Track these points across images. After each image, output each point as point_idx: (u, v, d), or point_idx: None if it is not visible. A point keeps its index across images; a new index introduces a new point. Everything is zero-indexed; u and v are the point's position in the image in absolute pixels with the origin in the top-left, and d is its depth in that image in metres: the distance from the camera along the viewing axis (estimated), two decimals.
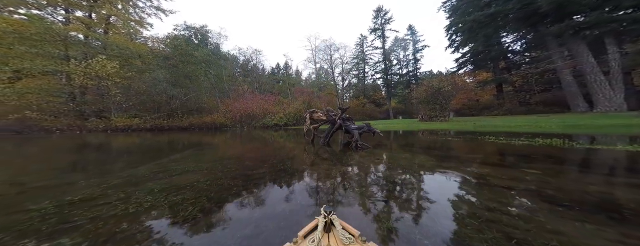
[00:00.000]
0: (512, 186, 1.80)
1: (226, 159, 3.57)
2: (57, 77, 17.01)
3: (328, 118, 5.65)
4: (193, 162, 3.26)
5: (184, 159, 3.60)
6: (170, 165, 3.05)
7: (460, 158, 3.14)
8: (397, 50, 31.81)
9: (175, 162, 3.31)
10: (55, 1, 18.85)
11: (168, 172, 2.65)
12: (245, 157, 3.88)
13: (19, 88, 15.10)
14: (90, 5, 19.74)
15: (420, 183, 2.10)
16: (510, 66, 24.16)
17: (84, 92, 17.27)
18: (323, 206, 1.01)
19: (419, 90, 16.33)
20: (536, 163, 2.66)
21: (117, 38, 20.26)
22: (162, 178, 2.36)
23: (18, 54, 15.97)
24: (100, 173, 2.74)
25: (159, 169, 2.81)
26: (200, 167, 2.88)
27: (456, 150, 3.95)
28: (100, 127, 15.19)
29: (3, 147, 6.67)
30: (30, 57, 16.10)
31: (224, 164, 3.06)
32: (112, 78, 17.00)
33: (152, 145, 6.80)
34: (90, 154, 5.01)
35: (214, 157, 3.98)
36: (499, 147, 3.93)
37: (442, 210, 1.42)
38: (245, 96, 22.14)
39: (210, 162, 3.29)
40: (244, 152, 4.75)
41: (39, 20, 17.46)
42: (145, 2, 20.99)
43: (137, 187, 2.05)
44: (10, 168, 3.47)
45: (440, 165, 2.75)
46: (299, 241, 0.81)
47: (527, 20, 17.98)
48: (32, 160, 4.24)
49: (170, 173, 2.55)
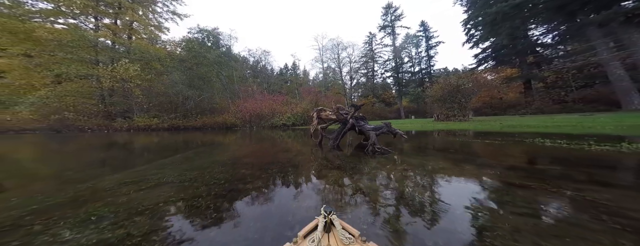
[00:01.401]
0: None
1: (220, 165, 3.13)
2: (90, 81, 18.90)
3: (338, 118, 5.05)
4: (180, 169, 2.88)
5: (173, 164, 3.30)
6: (149, 173, 2.65)
7: (534, 172, 2.24)
8: (409, 48, 30.47)
9: (160, 168, 2.95)
10: (87, 10, 20.73)
11: (140, 183, 2.23)
12: (242, 163, 3.33)
13: (59, 91, 17.11)
14: (116, 12, 21.48)
15: (500, 220, 1.24)
16: (540, 61, 22.00)
17: (111, 94, 19.08)
18: (323, 206, 0.99)
19: (434, 88, 15.55)
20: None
21: (139, 42, 21.91)
22: (120, 194, 1.86)
23: (58, 59, 18.01)
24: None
25: (132, 178, 2.42)
26: (184, 176, 2.44)
27: (511, 158, 3.05)
28: (124, 126, 16.76)
29: (51, 145, 7.46)
30: (68, 63, 18.04)
31: (215, 172, 2.61)
32: (134, 81, 18.56)
33: (160, 144, 7.13)
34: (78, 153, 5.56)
35: (207, 161, 3.54)
36: (564, 154, 3.01)
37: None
38: (255, 96, 22.89)
39: (200, 168, 2.86)
40: (244, 155, 4.29)
41: (74, 28, 19.41)
42: (162, 7, 22.36)
43: (77, 210, 1.53)
44: (66, 162, 4.10)
45: (508, 183, 1.86)
46: (299, 241, 0.81)
47: (562, 10, 16.10)
48: (73, 156, 4.88)
49: (140, 186, 2.10)
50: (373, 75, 30.06)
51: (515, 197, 1.57)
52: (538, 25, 20.74)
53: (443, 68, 32.22)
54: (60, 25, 19.82)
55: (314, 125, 5.52)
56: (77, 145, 7.40)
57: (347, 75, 28.69)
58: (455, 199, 1.57)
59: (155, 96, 19.26)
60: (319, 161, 3.35)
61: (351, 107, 4.80)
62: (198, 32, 21.27)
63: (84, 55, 18.87)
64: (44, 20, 19.48)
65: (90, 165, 3.73)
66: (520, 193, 1.65)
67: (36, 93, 16.27)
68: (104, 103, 18.23)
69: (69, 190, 2.11)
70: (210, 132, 14.74)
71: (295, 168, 2.83)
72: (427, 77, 30.58)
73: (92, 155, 4.98)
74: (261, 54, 28.85)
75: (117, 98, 18.81)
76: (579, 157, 2.83)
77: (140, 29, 22.32)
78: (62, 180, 2.61)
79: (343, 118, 4.95)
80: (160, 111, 18.97)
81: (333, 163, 3.16)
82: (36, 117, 15.59)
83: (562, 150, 3.31)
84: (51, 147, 6.92)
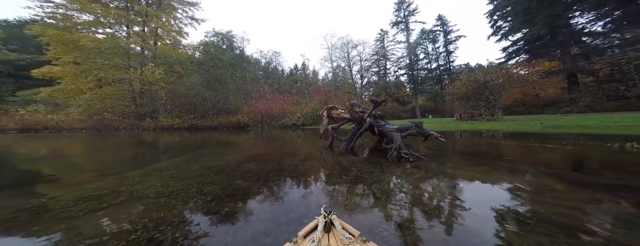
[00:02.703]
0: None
1: (216, 171, 2.70)
2: (123, 84, 21.35)
3: (352, 116, 4.44)
4: (168, 176, 2.50)
5: (167, 169, 2.91)
6: (127, 182, 2.27)
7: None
8: (425, 43, 28.57)
9: (145, 176, 2.56)
10: (120, 19, 23.14)
11: (105, 197, 1.82)
12: (242, 170, 2.80)
13: (100, 94, 19.69)
14: (144, 20, 23.62)
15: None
16: (588, 52, 19.15)
17: (141, 96, 21.40)
18: (323, 206, 0.99)
19: (455, 85, 14.54)
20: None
21: (163, 47, 23.96)
22: (67, 216, 1.48)
23: (98, 65, 20.58)
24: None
25: (101, 191, 2.01)
26: (166, 188, 2.03)
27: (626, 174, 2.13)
28: (151, 126, 18.83)
29: (96, 142, 8.17)
30: (106, 68, 20.53)
31: (205, 183, 2.19)
32: (158, 83, 20.57)
33: (175, 143, 7.41)
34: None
35: (203, 165, 3.13)
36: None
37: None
38: (266, 97, 23.80)
39: (190, 177, 2.42)
40: (247, 158, 3.78)
41: (111, 36, 21.90)
42: (182, 13, 23.97)
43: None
44: (113, 156, 4.46)
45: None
46: (299, 241, 0.81)
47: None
48: (113, 151, 5.49)
49: (101, 201, 1.72)
50: (385, 73, 29.01)
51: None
52: (584, 12, 18.03)
53: (464, 64, 29.81)
54: (99, 34, 22.55)
55: (323, 125, 4.95)
56: (113, 142, 8.20)
57: (358, 73, 28.19)
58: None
59: (177, 98, 21.13)
60: (331, 169, 2.79)
61: (371, 102, 4.01)
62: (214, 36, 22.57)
63: (119, 61, 21.28)
64: (87, 31, 22.25)
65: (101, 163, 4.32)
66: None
67: (83, 96, 18.96)
68: (135, 105, 20.55)
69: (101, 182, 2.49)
70: (224, 131, 15.49)
71: (301, 179, 2.31)
72: (445, 74, 28.63)
73: (113, 155, 5.09)
74: (272, 55, 29.71)
75: (146, 100, 21.03)
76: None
77: (164, 35, 24.34)
78: (103, 174, 3.04)
79: (358, 117, 4.31)
80: (182, 112, 20.81)
81: (348, 172, 2.55)
82: (82, 117, 18.27)
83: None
84: (97, 145, 7.68)
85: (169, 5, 23.99)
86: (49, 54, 20.40)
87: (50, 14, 20.68)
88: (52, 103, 19.97)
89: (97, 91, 19.91)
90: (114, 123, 18.32)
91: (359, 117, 4.35)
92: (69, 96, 19.55)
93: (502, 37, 23.57)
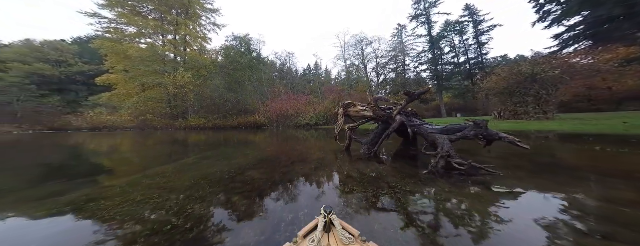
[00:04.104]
0: None
1: (212, 182, 2.36)
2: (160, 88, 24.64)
3: (376, 114, 3.69)
4: (156, 187, 2.22)
5: (163, 175, 2.72)
6: (96, 208, 1.75)
7: None
8: (450, 36, 25.39)
9: (133, 185, 2.33)
10: (157, 30, 26.28)
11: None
12: (242, 180, 2.42)
13: (144, 97, 23.18)
14: (175, 29, 26.35)
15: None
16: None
17: (174, 99, 24.49)
18: (323, 206, 0.98)
19: (492, 79, 13.02)
20: None
21: (191, 53, 26.54)
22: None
23: (142, 72, 24.07)
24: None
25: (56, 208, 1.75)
26: (143, 206, 1.71)
27: None
28: (182, 126, 21.64)
29: (139, 139, 9.63)
30: (147, 74, 23.91)
31: (192, 199, 1.85)
32: (188, 87, 23.19)
33: (198, 142, 7.97)
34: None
35: (202, 172, 2.82)
36: None
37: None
38: (281, 97, 24.80)
39: (179, 190, 2.12)
40: (252, 164, 3.32)
41: (151, 46, 25.17)
42: (206, 20, 25.93)
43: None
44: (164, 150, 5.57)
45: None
46: (299, 241, 0.80)
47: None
48: (161, 147, 6.34)
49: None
50: (404, 70, 27.04)
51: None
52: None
53: (501, 56, 25.80)
54: (142, 44, 26.08)
55: (339, 125, 4.39)
56: (154, 140, 9.45)
57: (373, 71, 26.91)
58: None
59: (203, 100, 23.61)
60: (351, 184, 2.13)
61: (405, 94, 3.25)
62: (233, 40, 24.10)
63: (157, 67, 24.46)
64: (132, 41, 25.91)
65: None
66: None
67: (131, 100, 22.64)
68: (170, 106, 23.69)
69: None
70: (243, 131, 16.60)
71: (312, 198, 1.82)
72: (477, 68, 25.38)
73: (142, 152, 5.89)
74: (286, 56, 30.24)
75: (178, 102, 24.02)
76: None
77: (191, 42, 26.85)
78: (144, 167, 3.76)
79: (384, 115, 3.59)
80: (207, 113, 23.25)
81: (376, 189, 1.91)
82: (131, 118, 21.96)
83: None
84: (139, 142, 9.02)
85: (194, 14, 26.17)
86: (107, 64, 24.59)
87: (106, 29, 24.63)
88: (110, 106, 24.35)
89: (141, 95, 23.48)
90: (154, 123, 21.59)
91: (385, 115, 3.58)
92: (122, 100, 23.52)
93: (552, 23, 19.63)
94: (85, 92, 30.53)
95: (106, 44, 23.81)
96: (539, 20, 19.70)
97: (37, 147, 7.81)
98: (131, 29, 25.16)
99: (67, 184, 2.66)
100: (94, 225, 1.50)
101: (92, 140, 10.39)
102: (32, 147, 8.00)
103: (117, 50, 24.00)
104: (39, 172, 3.59)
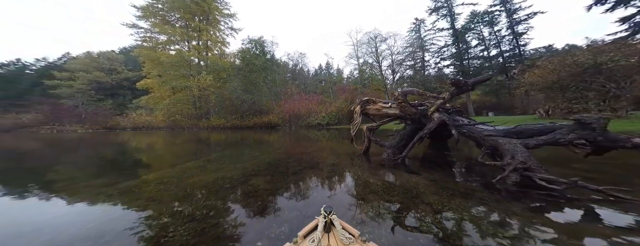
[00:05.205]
0: None
1: (211, 191, 2.19)
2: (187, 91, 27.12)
3: (405, 112, 3.08)
4: (144, 199, 2.01)
5: (162, 182, 2.56)
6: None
7: None
8: (478, 28, 22.30)
9: (124, 195, 2.19)
10: (183, 37, 28.68)
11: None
12: (244, 190, 2.20)
13: (174, 99, 25.86)
14: (198, 35, 28.43)
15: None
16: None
17: (199, 100, 26.77)
18: (323, 206, 0.98)
19: (537, 72, 11.60)
20: None
21: (212, 57, 28.47)
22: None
23: (172, 76, 26.75)
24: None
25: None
26: (123, 219, 1.58)
27: None
28: (205, 125, 23.69)
29: (169, 138, 10.54)
30: (177, 78, 26.49)
31: (181, 218, 1.57)
32: (209, 89, 25.10)
33: (218, 141, 8.56)
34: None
35: (202, 179, 2.61)
36: None
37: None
38: (294, 97, 25.28)
39: (170, 199, 1.97)
40: (258, 169, 3.02)
41: (179, 52, 27.66)
42: (224, 25, 27.36)
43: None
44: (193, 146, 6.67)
45: None
46: (299, 241, 0.80)
47: None
48: (188, 144, 7.16)
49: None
50: (423, 66, 24.86)
51: None
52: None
53: (544, 47, 21.94)
54: (171, 51, 28.82)
55: (355, 124, 3.90)
56: (182, 138, 10.63)
57: (388, 68, 25.33)
58: None
59: (223, 101, 25.35)
60: (376, 203, 1.62)
61: (452, 84, 2.59)
62: (249, 43, 25.05)
63: (184, 71, 26.91)
64: (163, 48, 28.76)
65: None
66: None
67: (164, 102, 25.48)
68: (195, 108, 26.02)
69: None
70: (258, 130, 17.43)
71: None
72: (513, 61, 22.18)
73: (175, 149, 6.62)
74: (298, 56, 30.25)
75: (201, 103, 26.22)
76: None
77: (212, 46, 28.71)
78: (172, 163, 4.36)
79: (414, 112, 3.00)
80: (226, 113, 24.98)
81: (416, 215, 1.42)
82: (163, 118, 24.78)
83: None
84: (172, 140, 10.26)
85: (214, 19, 27.80)
86: (144, 70, 27.92)
87: (143, 38, 27.77)
88: (148, 108, 27.74)
89: (172, 97, 26.25)
90: (182, 123, 24.06)
91: (417, 113, 3.00)
92: (156, 102, 26.61)
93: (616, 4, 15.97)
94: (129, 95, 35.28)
95: (143, 52, 26.96)
96: (596, 3, 16.16)
97: (95, 144, 9.48)
98: (162, 37, 27.90)
99: (117, 176, 3.20)
100: (132, 207, 1.91)
101: (133, 138, 12.13)
102: (92, 143, 9.75)
103: (152, 57, 27.00)
104: (98, 165, 4.44)
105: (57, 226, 1.58)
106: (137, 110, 28.94)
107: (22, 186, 2.83)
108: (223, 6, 28.14)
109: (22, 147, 8.61)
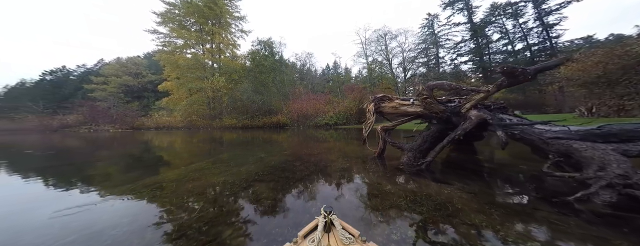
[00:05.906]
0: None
1: (207, 198, 2.07)
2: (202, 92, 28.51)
3: (430, 109, 2.71)
4: (133, 207, 1.90)
5: (160, 187, 2.42)
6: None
7: None
8: (499, 20, 20.12)
9: (121, 194, 2.21)
10: (198, 40, 30.03)
11: None
12: (245, 197, 2.07)
13: (191, 100, 27.39)
14: (211, 38, 29.58)
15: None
16: None
17: (212, 101, 28.05)
18: (323, 206, 0.98)
19: (575, 66, 10.65)
20: None
21: (224, 60, 29.50)
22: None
23: (188, 79, 28.28)
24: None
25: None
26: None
27: None
28: (218, 125, 24.84)
29: (186, 137, 11.66)
30: (193, 80, 27.97)
31: (164, 238, 1.34)
32: (222, 90, 26.15)
33: (230, 141, 8.94)
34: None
35: (201, 183, 2.47)
36: None
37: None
38: (302, 97, 25.39)
39: (154, 211, 1.79)
40: (261, 173, 2.86)
41: (194, 55, 29.09)
42: (235, 27, 28.11)
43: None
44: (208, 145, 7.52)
45: None
46: (299, 241, 0.80)
47: None
48: (204, 142, 7.90)
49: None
50: (437, 63, 23.25)
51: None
52: None
53: (581, 39, 19.22)
54: (188, 54, 30.39)
55: (368, 124, 3.56)
56: (198, 138, 11.35)
57: (399, 66, 24.13)
58: None
59: (234, 102, 26.32)
60: (400, 223, 1.35)
61: (501, 72, 2.13)
62: (258, 44, 25.55)
63: (199, 74, 28.31)
64: (180, 52, 30.40)
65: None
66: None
67: (182, 103, 27.11)
68: (209, 108, 27.33)
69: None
70: (267, 130, 17.85)
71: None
72: (543, 55, 19.91)
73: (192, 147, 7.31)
74: (306, 57, 30.13)
75: (215, 104, 27.45)
76: None
77: (224, 49, 29.72)
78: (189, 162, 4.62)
79: (443, 110, 2.60)
80: (237, 113, 25.93)
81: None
82: (181, 119, 26.42)
83: None
84: (189, 139, 10.95)
85: (225, 22, 28.68)
86: (165, 73, 29.87)
87: (163, 43, 29.63)
88: (168, 109, 29.72)
89: (189, 98, 27.84)
90: (197, 124, 25.49)
91: (446, 110, 2.56)
92: (175, 103, 28.41)
93: None
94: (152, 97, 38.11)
95: (163, 56, 28.79)
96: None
97: (125, 142, 10.63)
98: (179, 41, 29.49)
99: (142, 171, 3.56)
100: (156, 198, 2.12)
101: (156, 137, 13.23)
102: (122, 141, 11.01)
103: (171, 61, 28.73)
104: (126, 161, 4.87)
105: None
106: (159, 111, 31.19)
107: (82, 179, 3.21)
108: (233, 9, 28.89)
109: (70, 144, 9.89)
